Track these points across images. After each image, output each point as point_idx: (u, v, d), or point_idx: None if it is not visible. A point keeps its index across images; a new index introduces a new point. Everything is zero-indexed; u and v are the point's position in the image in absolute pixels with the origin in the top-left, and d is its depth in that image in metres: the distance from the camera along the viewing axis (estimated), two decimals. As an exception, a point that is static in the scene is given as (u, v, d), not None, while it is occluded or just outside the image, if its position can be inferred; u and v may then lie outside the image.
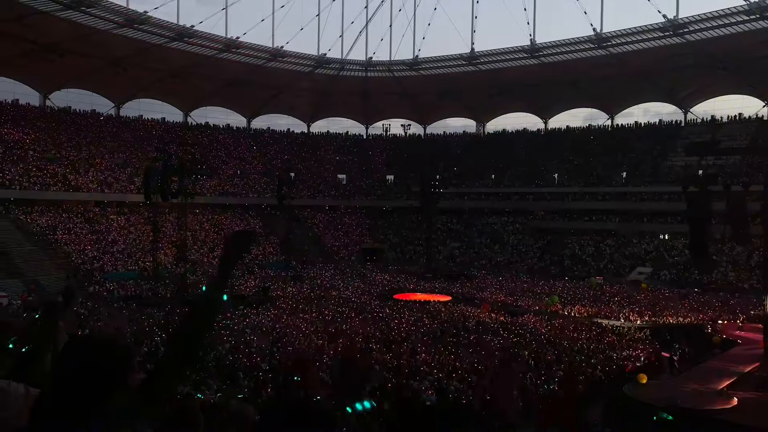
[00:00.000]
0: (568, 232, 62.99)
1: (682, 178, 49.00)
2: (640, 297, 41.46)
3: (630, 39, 62.65)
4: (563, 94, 74.51)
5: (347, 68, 78.34)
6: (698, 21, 57.28)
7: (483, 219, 69.69)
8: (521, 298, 42.28)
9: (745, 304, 37.05)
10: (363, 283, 48.41)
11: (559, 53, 68.29)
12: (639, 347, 27.24)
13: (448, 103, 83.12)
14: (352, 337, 27.22)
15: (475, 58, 73.03)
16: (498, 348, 26.15)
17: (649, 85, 69.01)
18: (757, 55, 58.41)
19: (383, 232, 71.77)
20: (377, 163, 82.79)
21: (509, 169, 73.92)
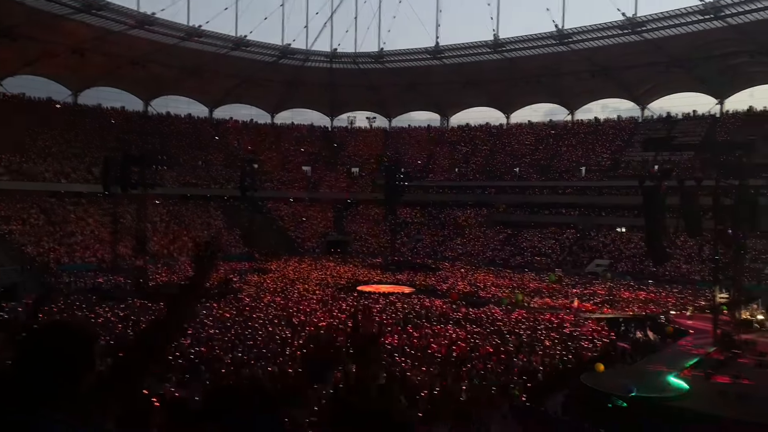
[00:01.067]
0: (529, 224, 64.13)
1: (638, 173, 50.33)
2: (598, 289, 42.63)
3: (590, 36, 63.94)
4: (525, 90, 75.59)
5: (312, 59, 77.84)
6: (655, 20, 58.80)
7: (446, 211, 70.37)
8: (483, 289, 42.94)
9: (696, 295, 38.52)
10: (327, 274, 48.40)
11: (522, 49, 69.24)
12: (596, 337, 28.02)
13: (413, 97, 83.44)
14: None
15: (439, 52, 73.45)
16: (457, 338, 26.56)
17: (608, 81, 70.55)
18: (711, 54, 60.36)
19: (348, 225, 71.82)
20: (342, 155, 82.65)
21: (473, 162, 74.75)
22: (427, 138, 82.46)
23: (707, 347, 24.97)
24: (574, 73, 69.68)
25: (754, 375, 20.69)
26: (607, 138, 69.84)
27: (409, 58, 76.85)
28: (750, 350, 24.03)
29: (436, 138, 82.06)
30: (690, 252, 49.75)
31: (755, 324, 28.56)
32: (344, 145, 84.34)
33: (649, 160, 58.06)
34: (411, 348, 24.71)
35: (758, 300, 31.60)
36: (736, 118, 63.59)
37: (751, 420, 15.73)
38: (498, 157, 73.72)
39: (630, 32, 61.09)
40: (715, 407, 17.05)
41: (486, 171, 72.30)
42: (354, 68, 79.05)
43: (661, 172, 33.89)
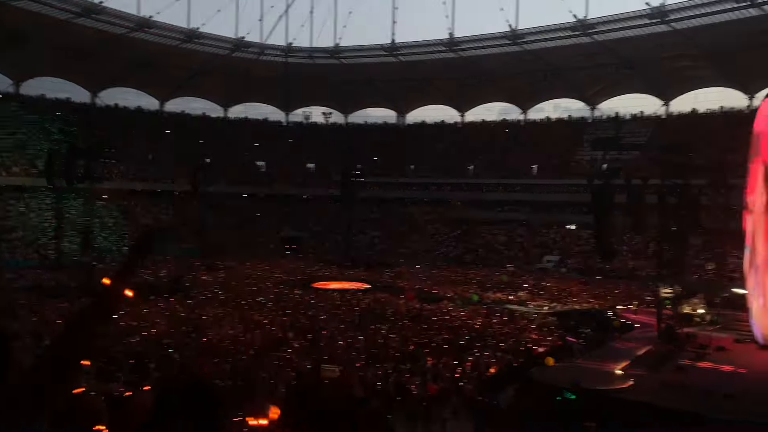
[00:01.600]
0: (483, 222, 65.01)
1: (587, 171, 51.63)
2: (549, 284, 43.60)
3: (543, 37, 65.21)
4: (479, 89, 76.50)
5: (267, 53, 76.85)
6: (605, 22, 60.42)
7: (402, 208, 70.63)
8: (438, 285, 43.34)
9: (641, 290, 39.80)
10: (281, 271, 47.95)
11: (476, 48, 70.09)
12: (546, 332, 28.65)
13: (369, 93, 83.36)
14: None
15: (395, 49, 73.64)
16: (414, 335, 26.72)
17: (559, 81, 72.05)
18: (657, 57, 62.39)
19: (303, 221, 71.22)
20: (297, 150, 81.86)
21: (428, 160, 75.20)
22: (384, 134, 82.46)
23: (651, 341, 25.82)
24: (527, 73, 70.90)
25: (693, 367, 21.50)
26: (559, 137, 71.36)
27: (365, 55, 76.75)
28: (691, 343, 24.97)
29: (392, 135, 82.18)
30: (636, 248, 51.35)
31: (696, 318, 29.71)
32: (300, 141, 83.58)
33: (598, 159, 59.62)
34: (367, 344, 24.73)
35: (699, 295, 32.86)
36: (681, 119, 65.89)
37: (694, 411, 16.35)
38: (453, 155, 74.41)
39: (581, 34, 62.58)
40: (659, 398, 17.63)
41: (441, 168, 72.90)
42: (310, 63, 78.41)
43: (609, 171, 34.85)
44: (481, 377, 21.45)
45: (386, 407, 17.54)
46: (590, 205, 35.61)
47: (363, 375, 20.16)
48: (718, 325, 28.76)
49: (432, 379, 20.50)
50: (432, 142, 78.07)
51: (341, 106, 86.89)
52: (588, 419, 17.09)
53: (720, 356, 23.03)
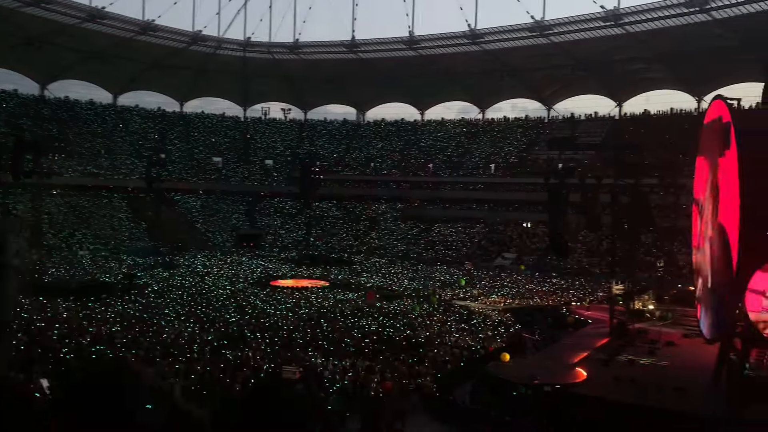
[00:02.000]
0: (441, 219, 65.52)
1: (544, 170, 52.48)
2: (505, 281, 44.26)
3: (501, 37, 66.06)
4: (439, 87, 77.01)
5: (224, 47, 75.63)
6: (561, 24, 61.59)
7: (362, 206, 70.57)
8: (396, 282, 43.46)
9: (595, 287, 40.80)
10: (239, 269, 47.30)
11: (436, 47, 70.53)
12: (503, 328, 29.06)
13: (329, 90, 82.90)
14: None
15: (356, 46, 73.47)
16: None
17: (517, 81, 73.12)
18: (611, 59, 63.97)
19: (261, 218, 70.44)
20: (256, 146, 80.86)
21: (388, 157, 75.32)
22: (344, 131, 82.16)
23: (604, 336, 26.45)
24: (485, 73, 71.68)
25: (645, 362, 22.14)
26: (516, 136, 72.47)
27: (325, 51, 76.36)
28: (642, 338, 25.69)
29: (353, 132, 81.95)
30: (590, 246, 52.53)
31: (647, 314, 30.58)
32: (258, 137, 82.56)
33: (554, 159, 60.68)
34: (325, 341, 24.60)
35: (650, 291, 33.85)
36: (633, 120, 67.72)
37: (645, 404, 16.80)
38: (412, 153, 74.73)
39: (538, 35, 63.63)
40: (611, 392, 18.07)
41: (401, 166, 73.12)
42: (268, 58, 77.52)
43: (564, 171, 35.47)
44: (439, 374, 21.60)
45: (345, 404, 17.50)
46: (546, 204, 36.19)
47: (321, 373, 20.05)
48: (669, 320, 29.67)
49: (390, 376, 20.53)
50: (392, 139, 78.26)
51: (300, 102, 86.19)
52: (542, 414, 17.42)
53: (670, 351, 23.75)
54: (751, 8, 50.09)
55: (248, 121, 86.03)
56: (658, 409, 16.49)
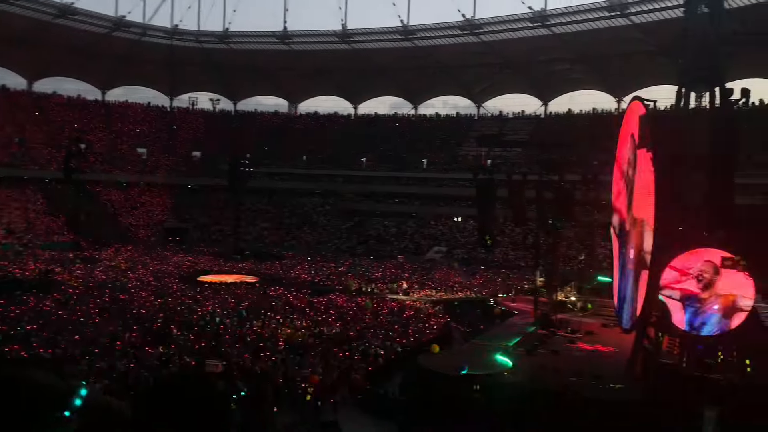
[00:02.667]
0: (374, 213, 65.77)
1: (473, 166, 53.64)
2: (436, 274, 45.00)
3: (433, 34, 66.87)
4: (373, 82, 77.18)
5: (150, 34, 72.88)
6: (491, 23, 63.06)
7: (293, 200, 69.79)
8: (328, 277, 43.33)
9: (520, 279, 42.14)
10: (165, 264, 45.81)
11: (369, 41, 70.61)
12: (433, 321, 29.55)
13: (260, 81, 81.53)
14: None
15: (287, 38, 72.52)
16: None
17: (449, 79, 74.28)
18: (537, 60, 66.07)
19: (188, 212, 68.42)
20: (182, 137, 78.41)
21: (320, 151, 74.76)
22: (275, 124, 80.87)
23: (529, 326, 27.38)
24: (418, 69, 72.40)
25: (565, 350, 23.09)
26: (447, 133, 73.61)
27: (256, 41, 74.97)
28: (564, 328, 26.75)
29: (284, 124, 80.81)
30: (516, 240, 54.13)
31: (569, 305, 31.86)
32: (185, 128, 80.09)
33: (482, 155, 62.14)
34: (255, 337, 24.26)
35: (572, 283, 35.26)
36: (558, 119, 70.20)
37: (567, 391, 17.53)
38: (346, 147, 74.51)
39: (469, 33, 64.87)
40: (536, 380, 18.74)
41: (333, 160, 72.78)
42: (196, 47, 75.34)
43: (492, 167, 36.46)
44: (370, 367, 21.75)
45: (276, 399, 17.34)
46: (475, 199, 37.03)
47: (249, 367, 19.78)
48: (589, 311, 31.02)
49: (321, 369, 20.49)
50: (324, 133, 77.74)
51: (230, 93, 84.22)
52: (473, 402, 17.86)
53: (590, 340, 24.86)
54: (667, 15, 52.89)
55: (175, 111, 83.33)
56: (579, 396, 17.24)
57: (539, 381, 18.56)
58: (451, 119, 77.34)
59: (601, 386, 17.90)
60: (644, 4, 54.65)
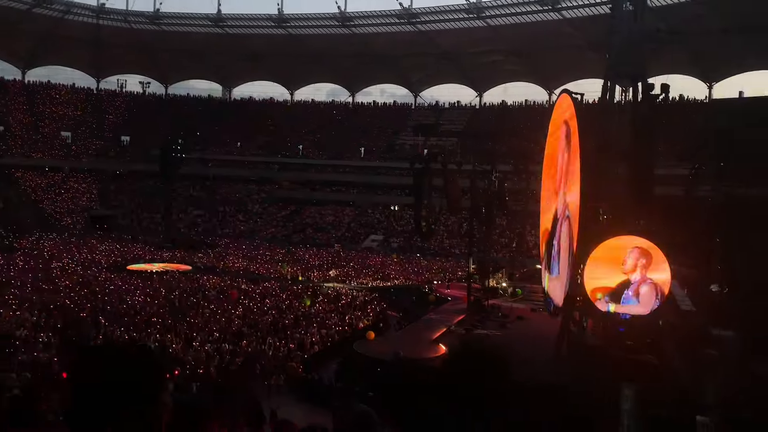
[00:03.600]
0: (311, 202, 65.34)
1: (410, 155, 54.13)
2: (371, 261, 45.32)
3: (370, 21, 66.78)
4: (309, 68, 76.29)
5: (74, 12, 69.39)
6: (427, 13, 63.53)
7: (227, 187, 68.36)
8: (263, 265, 42.88)
9: (455, 266, 43.04)
10: (92, 253, 44.05)
11: (306, 26, 69.78)
12: (369, 308, 29.80)
13: (193, 64, 79.16)
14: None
15: (222, 21, 70.71)
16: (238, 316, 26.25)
17: (386, 67, 74.39)
18: (472, 51, 67.14)
19: (116, 198, 65.90)
20: (111, 121, 75.27)
21: (256, 137, 73.50)
22: (208, 108, 78.79)
23: (462, 312, 28.04)
24: (355, 56, 72.12)
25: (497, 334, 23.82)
26: (384, 121, 73.84)
27: (189, 23, 72.69)
28: (495, 313, 27.57)
29: (218, 109, 78.82)
30: (451, 228, 55.17)
31: (500, 291, 32.82)
32: (113, 111, 76.90)
33: (419, 144, 62.75)
34: (188, 327, 23.77)
35: (503, 270, 36.32)
36: (492, 110, 71.61)
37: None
38: (282, 134, 73.52)
39: (406, 22, 65.14)
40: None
41: (269, 147, 71.70)
42: (125, 27, 72.31)
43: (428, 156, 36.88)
44: (306, 354, 21.75)
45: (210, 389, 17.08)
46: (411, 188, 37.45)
47: (182, 357, 19.41)
48: (519, 296, 32.07)
49: (256, 358, 20.33)
50: (260, 119, 76.39)
51: (161, 75, 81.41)
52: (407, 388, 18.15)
53: (520, 324, 25.74)
54: (596, 10, 54.79)
55: (102, 94, 79.85)
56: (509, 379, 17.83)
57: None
58: (388, 108, 77.59)
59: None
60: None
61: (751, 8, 46.72)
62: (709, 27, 51.79)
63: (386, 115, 75.10)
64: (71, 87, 77.67)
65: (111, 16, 70.97)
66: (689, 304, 21.67)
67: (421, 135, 63.75)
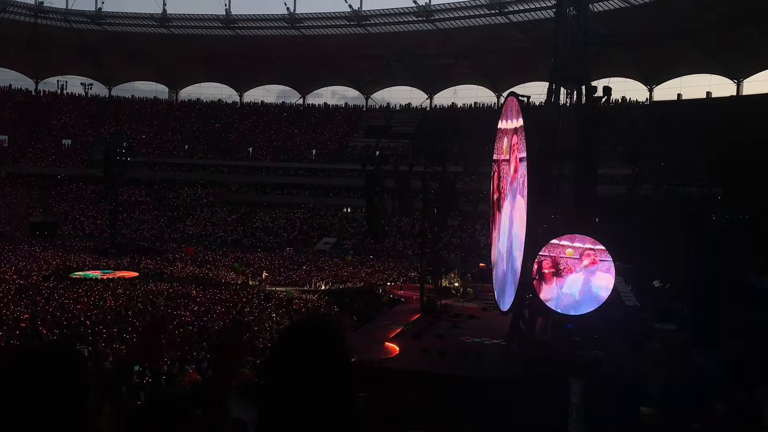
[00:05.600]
0: (262, 204, 64.56)
1: (361, 157, 54.17)
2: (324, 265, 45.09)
3: (319, 23, 66.60)
4: (259, 69, 75.47)
5: (9, 11, 66.65)
6: (377, 15, 63.78)
7: (175, 191, 66.83)
8: (212, 269, 42.10)
9: (408, 268, 43.26)
10: (31, 261, 42.31)
11: (254, 27, 69.01)
12: (322, 311, 29.60)
13: (138, 65, 77.10)
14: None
15: (167, 21, 69.21)
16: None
17: (336, 69, 74.25)
18: (423, 53, 67.73)
19: (57, 204, 63.51)
20: (51, 124, 72.50)
21: (204, 140, 72.14)
22: (154, 111, 76.85)
23: (415, 312, 28.20)
24: (305, 58, 71.70)
25: (449, 334, 24.06)
26: (336, 123, 73.67)
27: (132, 23, 70.86)
28: (448, 313, 27.83)
29: (164, 112, 76.98)
30: (404, 229, 55.47)
31: (452, 290, 33.18)
32: (53, 113, 74.10)
33: (371, 146, 62.88)
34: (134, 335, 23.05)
35: (455, 270, 36.74)
36: (443, 112, 72.40)
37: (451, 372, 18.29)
38: (231, 136, 72.39)
39: (356, 24, 65.22)
40: (420, 364, 19.38)
41: (218, 149, 70.48)
42: (65, 27, 69.86)
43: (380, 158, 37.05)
44: (258, 360, 21.40)
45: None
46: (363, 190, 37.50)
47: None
48: (471, 296, 32.48)
49: (209, 367, 19.89)
50: (208, 121, 75.05)
51: (104, 77, 78.98)
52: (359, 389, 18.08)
53: (472, 323, 26.06)
54: (541, 14, 56.13)
55: (41, 96, 76.87)
56: (462, 376, 18.05)
57: (424, 365, 19.20)
58: (339, 110, 77.48)
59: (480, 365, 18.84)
60: (520, 3, 57.67)
61: (688, 14, 48.83)
62: (649, 32, 53.83)
63: (337, 117, 74.97)
64: (8, 88, 74.50)
65: (50, 15, 68.48)
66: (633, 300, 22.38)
67: (372, 137, 63.93)
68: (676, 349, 16.63)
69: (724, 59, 55.80)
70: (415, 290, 31.75)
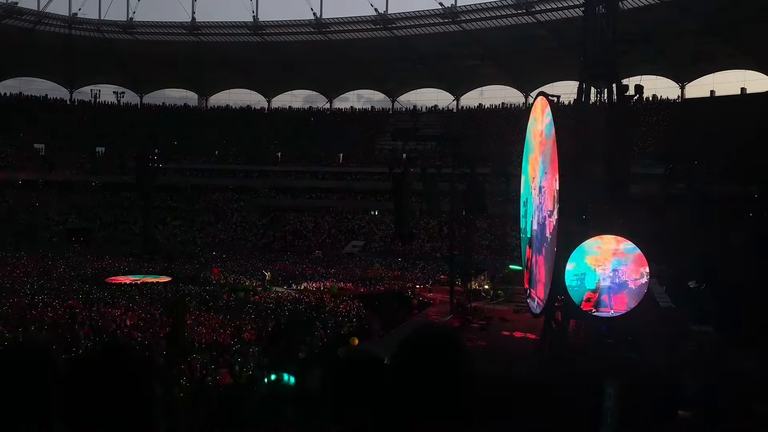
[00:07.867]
0: (291, 208, 65.09)
1: (388, 160, 54.31)
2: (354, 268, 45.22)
3: (346, 28, 66.90)
4: (286, 75, 76.19)
5: (45, 23, 68.42)
6: (403, 18, 63.87)
7: (206, 196, 67.74)
8: (245, 274, 42.56)
9: (437, 270, 43.10)
10: (68, 266, 43.36)
11: (282, 33, 69.72)
12: (353, 314, 29.70)
13: (168, 73, 78.44)
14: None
15: (196, 29, 70.34)
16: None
17: (363, 73, 74.53)
18: (449, 55, 67.60)
19: (92, 211, 64.92)
20: (85, 132, 74.16)
21: (233, 145, 73.05)
22: (185, 118, 78.14)
23: (446, 315, 28.17)
24: (332, 63, 72.11)
25: (481, 336, 23.96)
26: (363, 127, 73.89)
27: (162, 32, 72.13)
28: (479, 315, 27.73)
29: (194, 118, 78.23)
30: (432, 232, 55.36)
31: (482, 293, 33.03)
32: (87, 122, 75.83)
33: (398, 149, 62.98)
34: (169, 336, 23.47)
35: (485, 272, 36.54)
36: (470, 113, 72.14)
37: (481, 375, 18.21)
38: (260, 141, 73.17)
39: (381, 28, 65.37)
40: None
41: (248, 155, 71.27)
42: (98, 37, 71.49)
43: (407, 160, 37.12)
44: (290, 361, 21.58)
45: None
46: (391, 192, 37.59)
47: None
48: (502, 298, 32.28)
49: (240, 368, 20.17)
50: (237, 127, 75.95)
51: (136, 85, 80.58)
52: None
53: (504, 325, 25.92)
54: (569, 13, 55.53)
55: (76, 105, 78.78)
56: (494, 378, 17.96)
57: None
58: (366, 113, 77.72)
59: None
60: (547, 3, 57.14)
61: (719, 10, 47.82)
62: (680, 28, 52.84)
63: (364, 121, 75.20)
64: (43, 98, 76.55)
65: (83, 26, 70.14)
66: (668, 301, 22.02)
67: (399, 139, 64.02)
68: (713, 350, 16.32)
69: (759, 55, 54.51)
70: (444, 293, 31.69)
